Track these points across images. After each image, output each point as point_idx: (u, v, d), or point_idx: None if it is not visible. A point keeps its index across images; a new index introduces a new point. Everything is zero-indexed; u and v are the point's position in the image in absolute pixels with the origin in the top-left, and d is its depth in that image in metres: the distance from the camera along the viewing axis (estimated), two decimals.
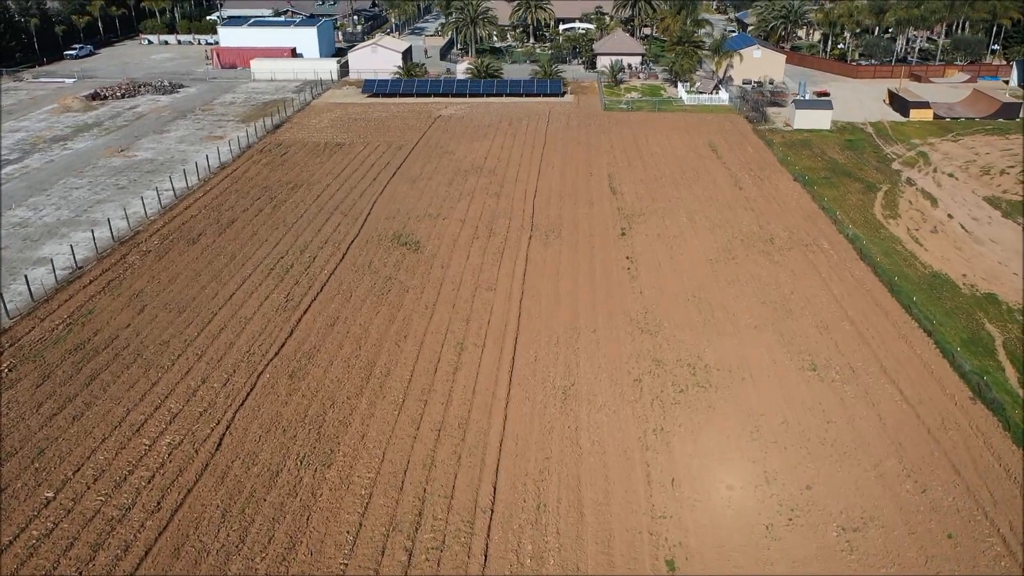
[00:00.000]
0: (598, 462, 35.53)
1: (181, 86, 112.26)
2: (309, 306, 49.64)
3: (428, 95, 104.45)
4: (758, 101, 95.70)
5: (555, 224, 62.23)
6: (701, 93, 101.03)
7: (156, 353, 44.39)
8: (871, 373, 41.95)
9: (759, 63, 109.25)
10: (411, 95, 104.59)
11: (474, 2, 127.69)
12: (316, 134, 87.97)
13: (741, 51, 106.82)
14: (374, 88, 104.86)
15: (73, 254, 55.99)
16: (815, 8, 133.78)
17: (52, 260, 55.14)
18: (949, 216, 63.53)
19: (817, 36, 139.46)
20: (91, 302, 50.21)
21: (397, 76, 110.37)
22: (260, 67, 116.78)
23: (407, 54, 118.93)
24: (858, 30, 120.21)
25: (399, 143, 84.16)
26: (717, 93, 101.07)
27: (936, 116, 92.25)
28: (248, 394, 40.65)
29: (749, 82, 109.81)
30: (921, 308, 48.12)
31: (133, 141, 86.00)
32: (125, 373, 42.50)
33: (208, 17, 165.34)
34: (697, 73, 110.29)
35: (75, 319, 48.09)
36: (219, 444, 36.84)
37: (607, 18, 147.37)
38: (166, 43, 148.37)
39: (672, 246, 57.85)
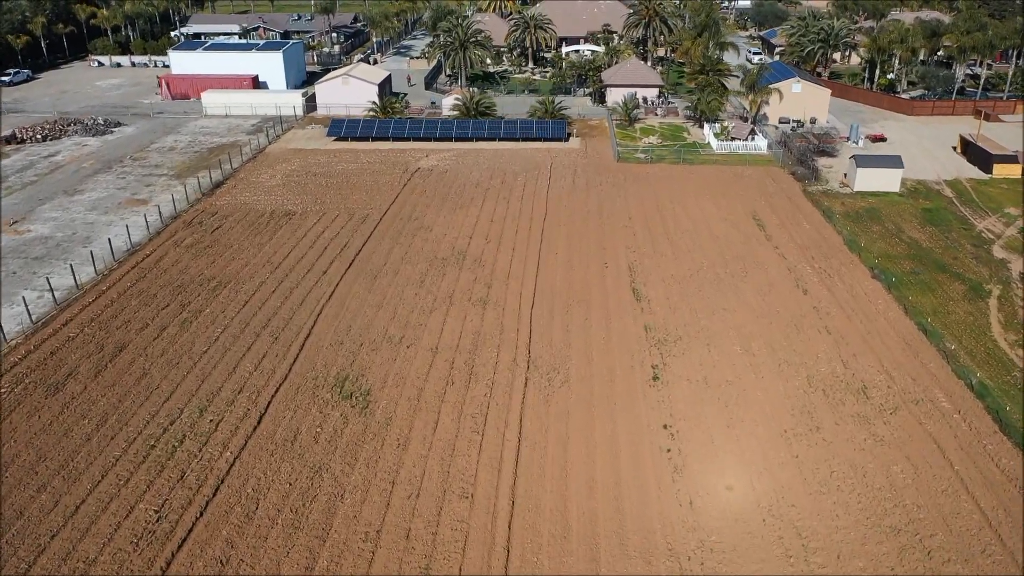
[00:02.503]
0: None
1: (118, 124, 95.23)
2: (189, 533, 32.64)
3: (407, 139, 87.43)
4: (804, 151, 78.72)
5: (560, 357, 45.23)
6: (734, 139, 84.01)
7: None
8: None
9: (799, 99, 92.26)
10: (386, 139, 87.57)
11: (464, 23, 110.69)
12: (263, 197, 70.93)
13: (779, 85, 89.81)
14: (342, 130, 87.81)
15: None
16: (854, 29, 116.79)
17: None
18: None
19: (855, 60, 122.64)
20: None
21: (372, 114, 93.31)
22: (213, 100, 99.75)
23: (384, 85, 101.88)
24: (912, 58, 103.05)
25: (364, 212, 67.14)
26: (752, 139, 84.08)
27: None
28: None
29: (787, 121, 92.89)
30: None
31: (34, 207, 68.97)
32: None
33: (172, 33, 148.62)
34: (724, 109, 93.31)
35: None
36: None
37: (615, 37, 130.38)
38: (119, 65, 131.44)
39: (727, 404, 40.82)
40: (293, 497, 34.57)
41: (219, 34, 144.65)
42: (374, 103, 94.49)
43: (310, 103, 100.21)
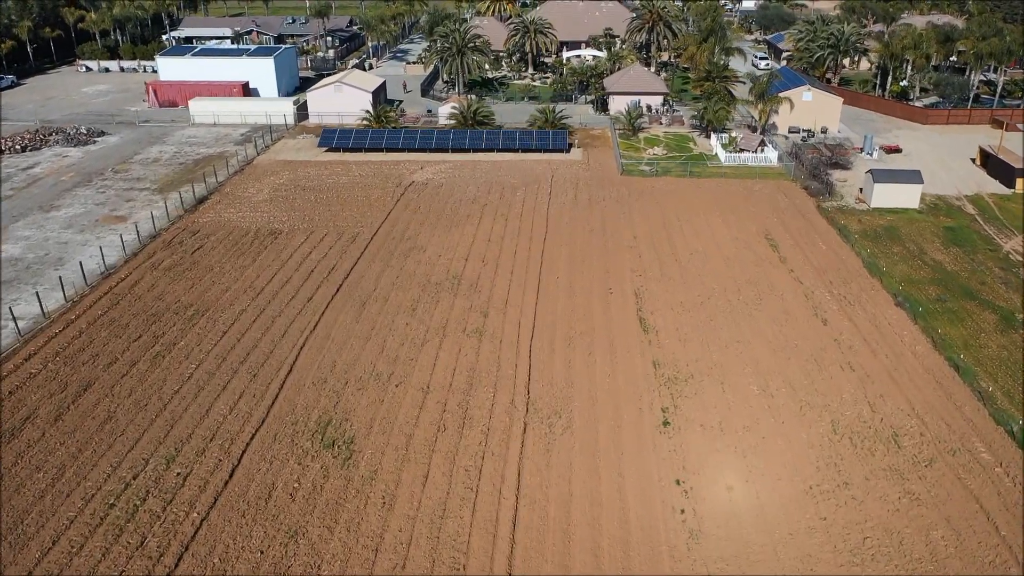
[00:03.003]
0: None
1: (102, 133, 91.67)
2: None
3: (401, 150, 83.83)
4: (817, 163, 75.13)
5: (562, 398, 41.62)
6: (742, 151, 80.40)
7: None
8: None
9: (809, 107, 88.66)
10: (379, 150, 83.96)
11: (462, 28, 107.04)
12: (248, 213, 67.33)
13: (789, 94, 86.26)
14: (333, 141, 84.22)
15: None
16: (864, 34, 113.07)
17: None
18: None
19: (864, 65, 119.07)
20: None
21: (365, 123, 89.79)
22: (200, 108, 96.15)
23: (379, 93, 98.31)
24: (926, 64, 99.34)
25: (354, 230, 63.55)
26: (762, 151, 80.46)
27: None
28: None
29: (796, 130, 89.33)
30: None
31: (6, 225, 65.36)
32: None
33: (163, 37, 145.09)
34: (732, 118, 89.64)
35: None
36: None
37: (617, 41, 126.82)
38: (107, 70, 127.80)
39: (745, 454, 37.22)
40: (264, 569, 30.97)
41: (211, 38, 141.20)
42: (368, 111, 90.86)
43: (302, 111, 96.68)
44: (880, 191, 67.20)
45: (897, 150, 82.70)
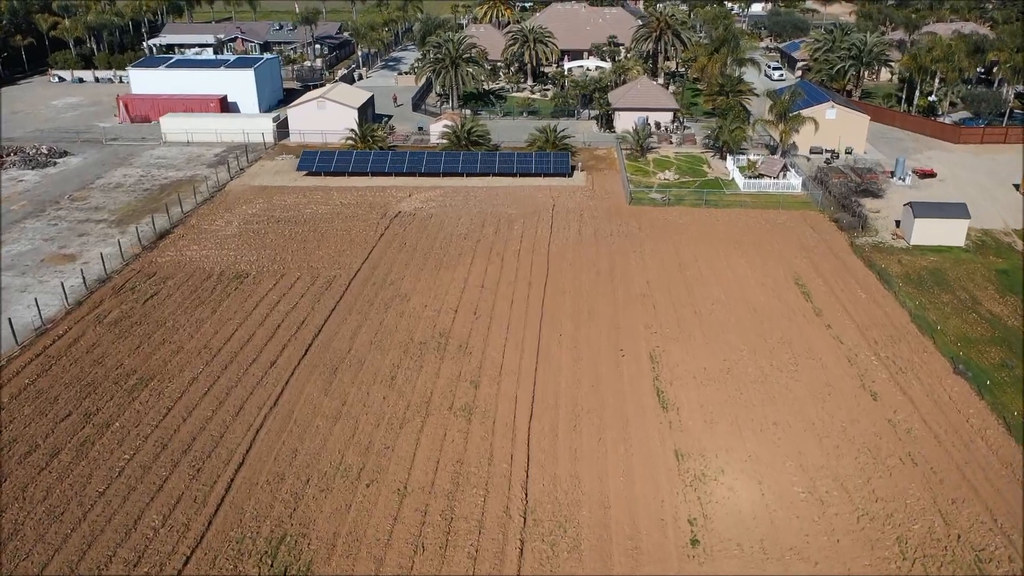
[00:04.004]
0: None
1: (64, 153, 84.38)
2: None
3: (388, 174, 76.57)
4: (846, 192, 67.92)
5: (567, 503, 34.32)
6: (762, 176, 73.16)
7: None
8: None
9: (833, 126, 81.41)
10: (364, 174, 76.68)
11: (456, 38, 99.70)
12: (213, 251, 60.03)
13: (812, 112, 79.01)
14: (314, 164, 76.91)
15: None
16: (886, 44, 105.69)
17: None
18: None
19: (885, 76, 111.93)
20: None
21: (350, 143, 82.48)
22: (173, 126, 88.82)
23: (366, 108, 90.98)
24: (957, 77, 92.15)
25: (330, 273, 56.30)
26: (785, 176, 73.20)
27: None
28: None
29: (819, 151, 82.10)
30: None
31: None
32: None
33: (144, 44, 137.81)
34: (750, 138, 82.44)
35: None
36: None
37: (622, 50, 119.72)
38: (81, 81, 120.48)
39: None
40: None
41: (194, 45, 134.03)
42: (353, 130, 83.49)
43: (282, 128, 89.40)
44: (921, 227, 59.95)
45: (932, 175, 75.43)
